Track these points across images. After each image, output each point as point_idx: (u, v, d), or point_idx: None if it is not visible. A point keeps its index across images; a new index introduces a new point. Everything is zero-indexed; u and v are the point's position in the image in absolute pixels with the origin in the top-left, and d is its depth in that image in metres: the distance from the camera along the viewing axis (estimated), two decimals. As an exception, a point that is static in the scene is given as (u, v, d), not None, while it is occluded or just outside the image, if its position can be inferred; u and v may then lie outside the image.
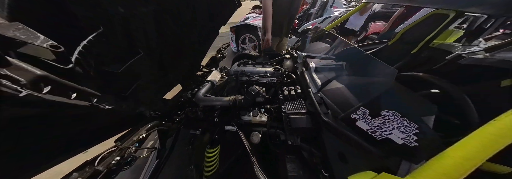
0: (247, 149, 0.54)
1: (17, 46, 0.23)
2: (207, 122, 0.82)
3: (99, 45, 0.37)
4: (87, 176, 0.44)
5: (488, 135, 0.31)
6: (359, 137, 0.44)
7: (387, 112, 0.42)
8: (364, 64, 0.59)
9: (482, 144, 0.30)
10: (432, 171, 0.31)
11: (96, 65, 0.38)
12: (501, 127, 0.30)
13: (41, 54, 0.25)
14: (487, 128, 0.31)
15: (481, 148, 0.30)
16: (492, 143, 0.30)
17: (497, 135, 0.30)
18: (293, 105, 0.67)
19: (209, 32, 1.11)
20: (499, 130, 0.30)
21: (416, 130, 0.38)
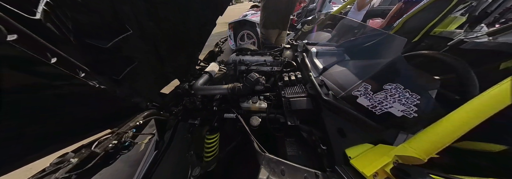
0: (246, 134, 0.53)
1: None
2: (206, 111, 0.81)
3: (83, 14, 0.36)
4: (84, 157, 0.42)
5: (476, 106, 0.31)
6: (359, 113, 0.43)
7: (390, 85, 0.41)
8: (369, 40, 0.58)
9: (469, 115, 0.31)
10: (426, 138, 0.32)
11: (76, 32, 0.36)
12: (486, 99, 0.31)
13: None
14: (475, 100, 0.32)
15: (469, 118, 0.31)
16: (478, 114, 0.30)
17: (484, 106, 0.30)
18: (293, 89, 0.66)
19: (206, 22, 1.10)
20: (484, 102, 0.31)
21: (417, 101, 0.37)
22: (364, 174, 0.33)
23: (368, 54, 0.59)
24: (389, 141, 0.39)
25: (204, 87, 0.83)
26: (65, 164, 0.40)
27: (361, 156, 0.38)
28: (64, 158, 0.42)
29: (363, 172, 0.34)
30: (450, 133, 0.31)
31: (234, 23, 2.82)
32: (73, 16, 0.34)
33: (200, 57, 1.31)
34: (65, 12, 0.32)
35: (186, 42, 0.98)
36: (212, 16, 1.07)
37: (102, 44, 0.44)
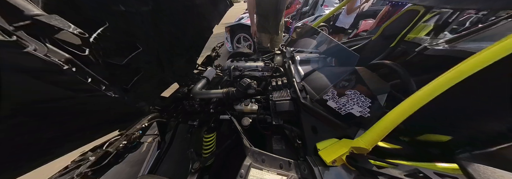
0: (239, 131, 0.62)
1: (54, 33, 0.31)
2: (203, 113, 0.90)
3: (105, 39, 0.45)
4: (99, 156, 0.51)
5: (407, 104, 0.41)
6: (328, 114, 0.53)
7: (350, 91, 0.51)
8: (337, 52, 0.69)
9: (402, 110, 0.42)
10: (371, 133, 0.43)
11: (103, 57, 0.45)
12: (415, 98, 0.41)
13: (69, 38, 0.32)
14: (407, 100, 0.42)
15: (400, 113, 0.42)
16: (408, 109, 0.41)
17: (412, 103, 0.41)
18: (279, 93, 0.75)
19: (203, 30, 1.18)
20: (414, 100, 0.42)
21: (369, 103, 0.48)
22: (326, 161, 0.44)
23: (337, 64, 0.69)
24: (351, 136, 0.49)
25: (202, 91, 0.91)
26: (85, 161, 0.48)
27: (327, 148, 0.48)
28: (84, 156, 0.50)
29: (325, 160, 0.44)
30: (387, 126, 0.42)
31: (230, 26, 2.90)
32: (103, 46, 0.43)
33: (198, 61, 1.39)
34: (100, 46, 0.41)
35: (184, 49, 1.07)
36: (209, 25, 1.16)
37: (119, 62, 0.52)
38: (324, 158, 0.45)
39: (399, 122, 0.41)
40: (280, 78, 0.86)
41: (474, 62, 0.39)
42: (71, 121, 0.47)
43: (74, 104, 0.42)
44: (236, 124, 0.66)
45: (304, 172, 0.45)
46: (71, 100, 0.40)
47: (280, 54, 1.20)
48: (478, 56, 0.39)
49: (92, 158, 0.49)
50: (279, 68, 0.99)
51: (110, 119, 0.64)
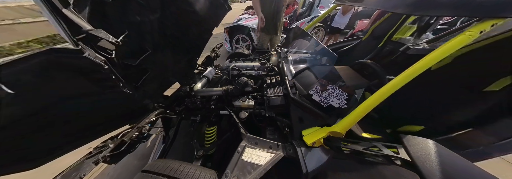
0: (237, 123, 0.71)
1: (97, 41, 0.41)
2: (205, 109, 0.99)
3: (124, 45, 0.54)
4: (117, 143, 0.59)
5: (373, 97, 0.50)
6: (313, 106, 0.62)
7: (330, 86, 0.60)
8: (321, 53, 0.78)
9: (370, 102, 0.51)
10: (345, 120, 0.52)
11: (121, 59, 0.54)
12: (380, 92, 0.50)
13: (104, 45, 0.43)
14: (375, 93, 0.51)
15: (368, 105, 0.51)
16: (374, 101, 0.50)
17: (378, 96, 0.50)
18: (273, 90, 0.84)
19: (203, 33, 1.27)
20: (379, 94, 0.50)
21: (346, 96, 0.57)
22: (307, 143, 0.53)
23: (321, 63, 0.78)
24: (330, 124, 0.58)
25: (203, 89, 1.00)
26: (105, 148, 0.57)
27: (310, 134, 0.57)
28: (105, 143, 0.59)
29: (307, 142, 0.53)
30: (358, 115, 0.51)
31: (229, 27, 2.98)
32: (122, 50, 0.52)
33: (199, 61, 1.47)
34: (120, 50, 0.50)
35: (186, 50, 1.16)
36: (208, 28, 1.25)
37: (132, 63, 0.61)
38: (306, 141, 0.54)
39: (367, 112, 0.50)
40: (274, 76, 0.95)
41: (424, 62, 0.47)
42: (95, 113, 0.56)
43: (101, 99, 0.51)
44: (234, 117, 0.75)
45: (289, 151, 0.55)
46: (99, 95, 0.48)
47: (276, 54, 1.28)
48: (427, 58, 0.47)
49: (111, 145, 0.57)
50: (273, 67, 1.08)
51: (123, 113, 0.73)
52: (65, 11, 0.33)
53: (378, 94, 0.50)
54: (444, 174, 0.33)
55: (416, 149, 0.39)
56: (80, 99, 0.46)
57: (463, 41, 0.47)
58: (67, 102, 0.43)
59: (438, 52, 0.47)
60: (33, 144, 0.43)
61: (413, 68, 0.48)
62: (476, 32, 0.45)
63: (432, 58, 0.47)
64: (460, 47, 0.47)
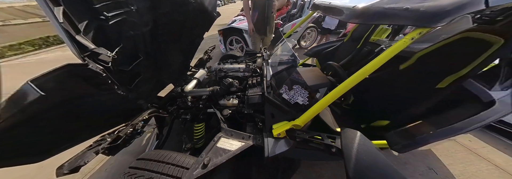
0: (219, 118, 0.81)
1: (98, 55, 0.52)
2: (194, 108, 1.08)
3: (119, 54, 0.63)
4: (114, 138, 0.69)
5: (328, 95, 0.60)
6: (282, 103, 0.72)
7: (295, 86, 0.70)
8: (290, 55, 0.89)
9: (325, 100, 0.60)
10: (305, 115, 0.62)
11: (116, 67, 0.64)
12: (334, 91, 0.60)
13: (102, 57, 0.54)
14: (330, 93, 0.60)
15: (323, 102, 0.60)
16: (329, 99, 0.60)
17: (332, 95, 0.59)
18: (253, 90, 0.94)
19: (195, 38, 1.36)
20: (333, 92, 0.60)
21: (307, 94, 0.67)
22: (274, 134, 0.63)
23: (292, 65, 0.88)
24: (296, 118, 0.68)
25: (193, 90, 1.10)
26: (104, 141, 0.66)
27: (278, 127, 0.67)
28: (103, 137, 0.68)
29: (273, 134, 0.63)
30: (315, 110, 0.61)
31: (223, 30, 3.07)
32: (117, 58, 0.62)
33: (192, 63, 1.57)
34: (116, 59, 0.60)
35: (179, 54, 1.25)
36: (199, 33, 1.35)
37: (125, 68, 0.71)
38: (273, 132, 0.64)
39: (323, 108, 0.60)
40: (256, 77, 1.05)
41: (370, 65, 0.56)
42: (95, 112, 0.66)
43: (99, 100, 0.61)
44: (217, 114, 0.85)
45: (258, 141, 0.66)
46: (97, 96, 0.58)
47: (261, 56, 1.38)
48: (373, 62, 0.57)
49: (108, 139, 0.67)
50: (257, 69, 1.18)
51: (117, 113, 0.83)
52: (78, 37, 0.47)
53: (331, 93, 0.59)
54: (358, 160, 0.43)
55: (346, 139, 0.48)
56: (84, 99, 0.56)
57: (400, 46, 0.55)
58: (74, 101, 0.53)
59: (381, 56, 0.56)
60: (44, 138, 0.53)
61: (361, 71, 0.57)
62: (408, 39, 0.53)
63: (376, 62, 0.56)
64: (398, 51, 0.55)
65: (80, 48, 0.47)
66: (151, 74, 1.03)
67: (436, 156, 1.28)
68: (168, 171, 0.57)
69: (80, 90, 0.51)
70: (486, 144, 1.39)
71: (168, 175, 0.56)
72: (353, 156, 0.44)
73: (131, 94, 0.81)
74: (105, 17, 0.59)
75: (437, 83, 0.81)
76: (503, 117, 0.65)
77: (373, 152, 0.45)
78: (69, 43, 0.44)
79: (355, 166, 0.43)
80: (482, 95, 0.72)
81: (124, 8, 0.66)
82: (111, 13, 0.61)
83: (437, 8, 0.48)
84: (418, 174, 1.15)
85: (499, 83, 0.72)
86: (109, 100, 0.68)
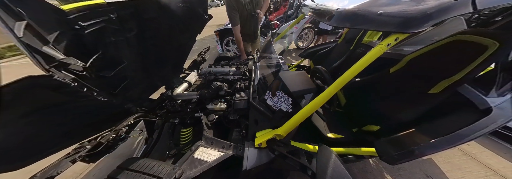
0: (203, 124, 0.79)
1: (68, 65, 0.50)
2: (183, 112, 1.07)
3: (99, 61, 0.62)
4: (94, 145, 0.67)
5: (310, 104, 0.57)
6: (266, 110, 0.70)
7: (279, 92, 0.67)
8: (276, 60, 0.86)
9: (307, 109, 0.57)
10: (287, 124, 0.60)
11: (95, 72, 0.62)
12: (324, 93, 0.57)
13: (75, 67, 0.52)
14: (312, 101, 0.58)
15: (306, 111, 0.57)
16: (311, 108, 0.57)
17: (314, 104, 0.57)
18: (240, 94, 0.92)
19: (187, 41, 1.35)
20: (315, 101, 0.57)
21: (291, 101, 0.64)
22: (255, 144, 0.61)
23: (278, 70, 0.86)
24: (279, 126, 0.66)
25: (182, 93, 1.08)
26: (83, 149, 0.65)
27: (261, 136, 0.64)
28: (82, 145, 0.67)
29: (255, 143, 0.61)
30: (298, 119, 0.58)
31: (219, 31, 3.06)
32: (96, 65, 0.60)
33: (186, 65, 1.55)
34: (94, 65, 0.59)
35: (170, 57, 1.24)
36: (191, 36, 1.33)
37: (107, 74, 0.69)
38: (255, 142, 0.62)
39: (307, 116, 0.57)
40: (245, 81, 1.03)
41: (350, 72, 0.54)
42: (74, 119, 0.65)
43: (76, 106, 0.59)
44: (202, 119, 0.83)
45: (239, 151, 0.63)
46: (73, 103, 0.57)
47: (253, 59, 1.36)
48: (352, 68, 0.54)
49: (88, 146, 0.66)
50: (246, 72, 1.16)
51: (102, 118, 0.81)
52: (45, 48, 0.45)
53: (315, 100, 0.57)
54: None
55: (321, 161, 0.45)
56: (58, 106, 0.55)
57: (376, 54, 0.53)
58: (46, 110, 0.52)
59: (358, 64, 0.53)
60: (17, 147, 0.52)
61: (341, 79, 0.55)
62: (384, 45, 0.51)
63: (354, 69, 0.54)
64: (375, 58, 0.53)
65: (47, 59, 0.45)
66: (141, 78, 1.01)
67: (433, 161, 1.24)
68: None
69: (49, 100, 0.50)
70: (485, 149, 1.35)
71: None
72: None
73: (117, 98, 0.79)
74: (80, 26, 0.57)
75: (430, 88, 0.77)
76: (501, 126, 0.62)
77: None
78: (29, 56, 0.42)
79: None
80: (478, 102, 0.68)
81: (103, 17, 0.65)
82: (87, 23, 0.59)
83: (416, 12, 0.45)
84: None
85: (495, 89, 0.68)
86: (90, 106, 0.66)
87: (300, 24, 3.21)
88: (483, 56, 0.65)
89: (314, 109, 0.57)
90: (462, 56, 0.71)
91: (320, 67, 0.81)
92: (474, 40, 0.69)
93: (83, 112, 0.66)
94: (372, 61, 1.18)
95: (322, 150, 0.49)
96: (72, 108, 0.60)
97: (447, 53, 0.79)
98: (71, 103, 0.57)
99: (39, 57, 0.43)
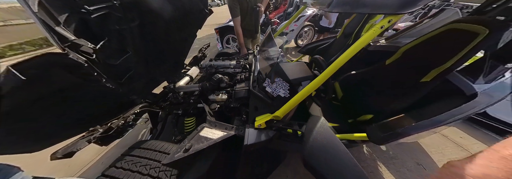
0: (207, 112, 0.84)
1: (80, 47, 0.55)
2: (185, 103, 1.11)
3: (105, 48, 0.66)
4: (106, 129, 0.72)
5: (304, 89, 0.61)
6: (265, 97, 0.74)
7: (277, 78, 0.72)
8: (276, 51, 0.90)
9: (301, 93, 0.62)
10: (285, 106, 0.64)
11: (103, 59, 0.67)
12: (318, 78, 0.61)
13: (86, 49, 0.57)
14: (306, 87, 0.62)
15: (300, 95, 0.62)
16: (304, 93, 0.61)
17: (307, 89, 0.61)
18: (241, 85, 0.96)
19: (187, 36, 1.39)
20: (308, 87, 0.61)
21: (288, 87, 0.68)
22: (255, 125, 0.65)
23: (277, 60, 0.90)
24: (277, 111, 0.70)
25: (184, 86, 1.12)
26: (96, 132, 0.70)
27: (260, 119, 0.69)
28: (95, 128, 0.72)
29: (255, 125, 0.65)
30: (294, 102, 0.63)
31: (219, 28, 3.09)
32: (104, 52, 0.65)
33: (187, 61, 1.60)
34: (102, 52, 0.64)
35: (171, 53, 1.28)
36: (191, 31, 1.37)
37: (113, 62, 0.74)
38: (255, 124, 0.66)
39: (301, 99, 0.62)
40: (245, 73, 1.07)
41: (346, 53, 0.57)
42: (85, 106, 0.70)
43: (87, 92, 0.64)
44: (205, 108, 0.87)
45: (240, 132, 0.69)
46: (85, 87, 0.62)
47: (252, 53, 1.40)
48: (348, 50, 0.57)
49: (100, 130, 0.71)
50: (246, 65, 1.20)
51: (111, 107, 0.86)
52: (57, 28, 0.50)
53: (310, 85, 0.61)
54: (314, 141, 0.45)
55: (310, 124, 0.50)
56: (72, 91, 0.59)
57: (371, 35, 0.54)
58: (62, 94, 0.57)
59: (354, 46, 0.56)
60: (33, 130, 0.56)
61: (337, 62, 0.58)
62: (378, 27, 0.53)
63: (350, 52, 0.56)
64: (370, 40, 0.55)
65: (60, 39, 0.49)
66: (143, 71, 1.06)
67: (426, 152, 1.28)
68: (152, 156, 0.63)
69: (65, 81, 0.54)
70: (477, 141, 1.37)
71: (152, 159, 0.62)
72: (311, 138, 0.46)
73: (123, 88, 0.84)
74: (86, 10, 0.61)
75: (422, 77, 0.81)
76: (484, 109, 0.65)
77: (329, 134, 0.47)
78: (46, 33, 0.46)
79: (310, 147, 0.46)
80: (465, 88, 0.72)
81: (107, 2, 0.68)
82: (93, 7, 0.63)
83: None
84: (406, 169, 1.14)
85: (483, 76, 0.72)
86: (100, 92, 0.71)
87: (299, 21, 3.24)
88: (474, 43, 0.67)
89: (311, 91, 0.61)
90: (454, 44, 0.74)
91: (317, 57, 0.85)
92: (466, 28, 0.72)
93: (92, 98, 0.71)
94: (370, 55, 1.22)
95: (312, 117, 0.53)
96: (83, 93, 0.64)
97: (440, 42, 0.82)
98: (82, 87, 0.62)
99: (54, 36, 0.47)
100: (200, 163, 0.65)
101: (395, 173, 1.10)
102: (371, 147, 1.29)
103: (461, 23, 0.75)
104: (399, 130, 0.64)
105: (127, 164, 0.60)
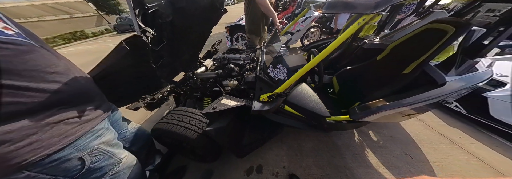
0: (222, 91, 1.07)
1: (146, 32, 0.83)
2: (203, 87, 1.35)
3: (153, 38, 0.91)
4: (151, 97, 0.97)
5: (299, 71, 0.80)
6: (269, 80, 0.94)
7: (279, 65, 0.92)
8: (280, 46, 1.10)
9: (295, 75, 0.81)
10: (283, 85, 0.84)
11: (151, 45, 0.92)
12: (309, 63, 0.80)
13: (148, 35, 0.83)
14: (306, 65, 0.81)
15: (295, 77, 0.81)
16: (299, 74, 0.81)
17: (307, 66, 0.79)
18: (249, 72, 1.18)
19: (204, 31, 1.62)
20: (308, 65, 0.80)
21: (287, 72, 0.88)
22: (260, 99, 0.86)
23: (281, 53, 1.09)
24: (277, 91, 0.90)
25: (202, 73, 1.36)
26: (145, 99, 0.95)
27: (264, 95, 0.89)
28: (145, 96, 0.98)
29: (260, 99, 0.86)
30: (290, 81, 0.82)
31: (230, 27, 3.33)
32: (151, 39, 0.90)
33: (201, 55, 1.84)
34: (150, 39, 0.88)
35: (189, 45, 1.53)
36: (208, 27, 1.61)
37: (155, 48, 1.00)
38: (260, 98, 0.87)
39: (296, 79, 0.81)
40: (253, 64, 1.28)
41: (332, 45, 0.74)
42: (139, 81, 0.96)
43: (140, 70, 0.89)
44: (221, 90, 1.11)
45: (249, 103, 0.90)
46: (141, 66, 0.87)
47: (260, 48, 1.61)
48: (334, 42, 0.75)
49: (149, 98, 0.96)
50: (254, 58, 1.41)
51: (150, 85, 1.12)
52: (138, 19, 0.79)
53: (303, 68, 0.79)
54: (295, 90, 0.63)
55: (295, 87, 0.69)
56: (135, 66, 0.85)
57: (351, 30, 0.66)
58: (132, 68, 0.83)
59: (338, 39, 0.71)
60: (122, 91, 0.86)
61: (324, 51, 0.75)
62: (356, 24, 0.65)
63: (334, 44, 0.72)
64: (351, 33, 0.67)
65: (139, 27, 0.76)
66: (170, 60, 1.31)
67: (417, 145, 1.26)
68: (189, 114, 0.91)
69: (135, 57, 0.78)
70: (476, 141, 1.29)
71: (189, 116, 0.89)
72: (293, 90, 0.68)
73: (158, 71, 1.09)
74: (146, 7, 0.87)
75: (403, 70, 0.96)
76: (447, 96, 0.80)
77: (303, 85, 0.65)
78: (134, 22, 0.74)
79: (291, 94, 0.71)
80: (438, 78, 0.86)
81: (157, 1, 0.95)
82: (150, 4, 0.89)
83: None
84: (392, 156, 1.16)
85: (454, 69, 0.86)
86: (147, 72, 0.97)
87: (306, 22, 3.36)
88: (444, 39, 0.83)
89: (302, 74, 0.79)
90: (429, 40, 0.89)
91: (313, 50, 1.04)
92: (440, 27, 0.87)
93: (144, 75, 0.97)
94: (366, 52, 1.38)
95: None
96: (139, 72, 0.90)
97: (420, 39, 0.97)
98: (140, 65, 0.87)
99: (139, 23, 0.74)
100: (222, 118, 0.90)
101: (380, 158, 1.16)
102: (362, 136, 1.37)
103: (438, 23, 0.90)
104: (373, 109, 0.82)
105: (173, 117, 0.89)
